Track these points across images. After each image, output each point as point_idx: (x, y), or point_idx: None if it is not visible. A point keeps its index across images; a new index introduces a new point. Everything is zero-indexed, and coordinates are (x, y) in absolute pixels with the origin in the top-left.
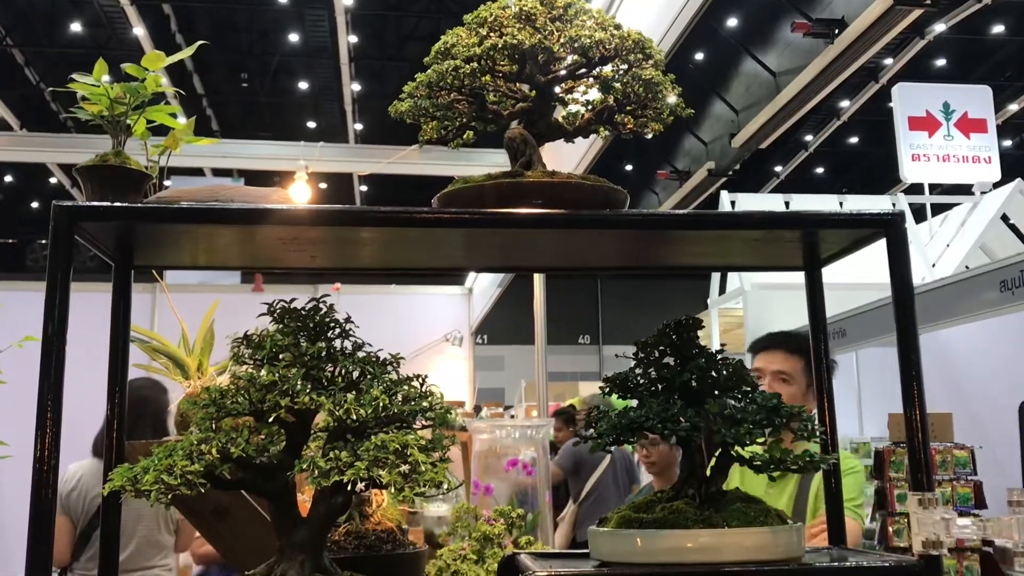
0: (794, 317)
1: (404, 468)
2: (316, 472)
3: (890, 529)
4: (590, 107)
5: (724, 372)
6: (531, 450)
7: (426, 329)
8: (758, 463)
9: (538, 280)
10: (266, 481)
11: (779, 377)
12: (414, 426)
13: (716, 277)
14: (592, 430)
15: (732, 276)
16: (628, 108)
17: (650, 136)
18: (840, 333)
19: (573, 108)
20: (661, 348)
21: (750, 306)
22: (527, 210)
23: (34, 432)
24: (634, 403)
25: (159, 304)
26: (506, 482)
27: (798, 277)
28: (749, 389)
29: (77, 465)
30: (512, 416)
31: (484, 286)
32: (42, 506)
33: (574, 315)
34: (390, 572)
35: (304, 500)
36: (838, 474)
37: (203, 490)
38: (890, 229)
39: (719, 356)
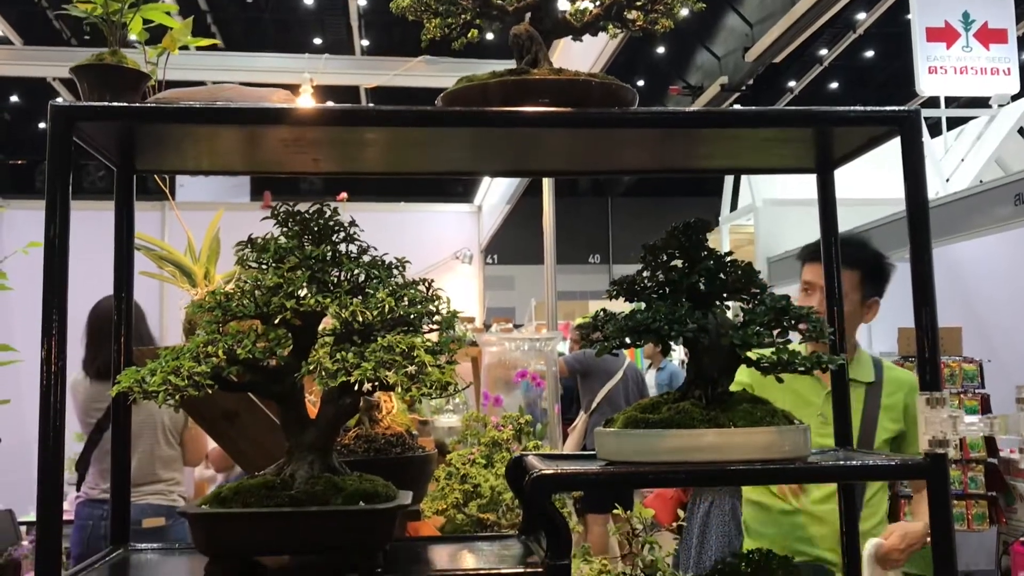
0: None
1: (411, 369)
2: (323, 373)
3: None
4: (598, 3)
5: (733, 274)
6: (540, 363)
7: (435, 247)
8: (765, 365)
9: (547, 198)
10: (273, 383)
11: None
12: (421, 330)
13: (727, 194)
14: (599, 333)
15: (743, 192)
16: (638, 3)
17: (661, 32)
18: None
19: (581, 4)
20: (670, 251)
21: (761, 222)
22: (533, 108)
23: (40, 338)
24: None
25: (168, 222)
26: (515, 394)
27: (810, 193)
28: (758, 291)
29: (72, 380)
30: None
31: (493, 203)
32: (51, 414)
33: (584, 234)
34: (399, 475)
35: (312, 401)
36: (845, 375)
37: (210, 391)
38: (905, 126)
39: (728, 258)
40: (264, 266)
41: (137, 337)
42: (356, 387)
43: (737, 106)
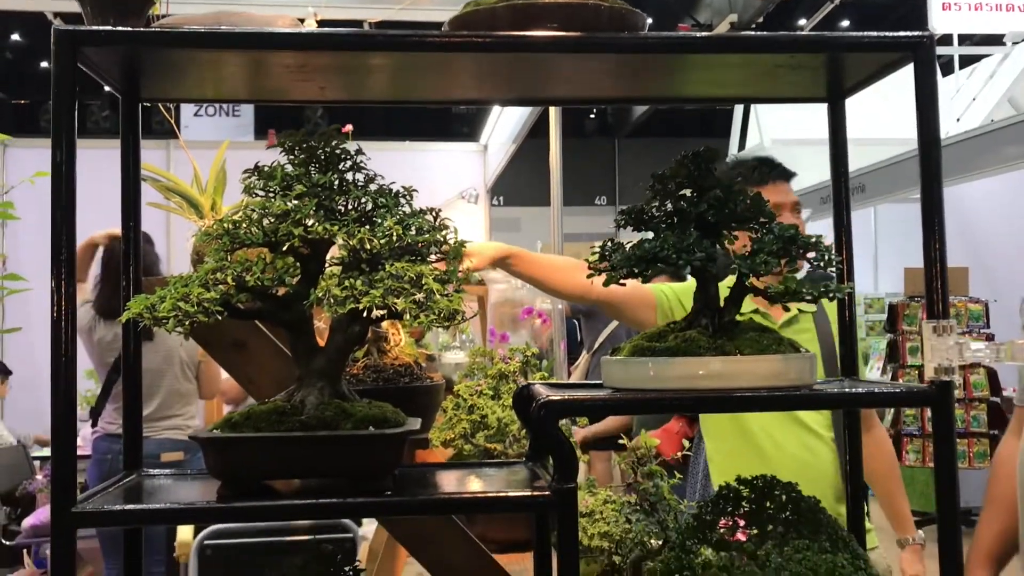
0: (815, 173)
1: (419, 296)
2: (332, 301)
3: (901, 380)
4: None
5: (741, 204)
6: (546, 302)
7: (441, 186)
8: (772, 294)
9: (554, 138)
10: (282, 311)
11: (797, 209)
12: (428, 259)
13: (735, 134)
14: (606, 263)
15: (751, 133)
16: None
17: None
18: (859, 188)
19: None
20: (678, 180)
21: None
22: (541, 32)
23: (50, 269)
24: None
25: (173, 160)
26: (521, 332)
27: (817, 132)
28: (766, 221)
29: (89, 316)
30: None
31: (499, 142)
32: (62, 348)
33: (591, 176)
34: (408, 404)
35: (320, 327)
36: (852, 305)
37: (220, 318)
38: (919, 52)
39: (736, 187)
40: (271, 194)
41: (145, 268)
42: (364, 314)
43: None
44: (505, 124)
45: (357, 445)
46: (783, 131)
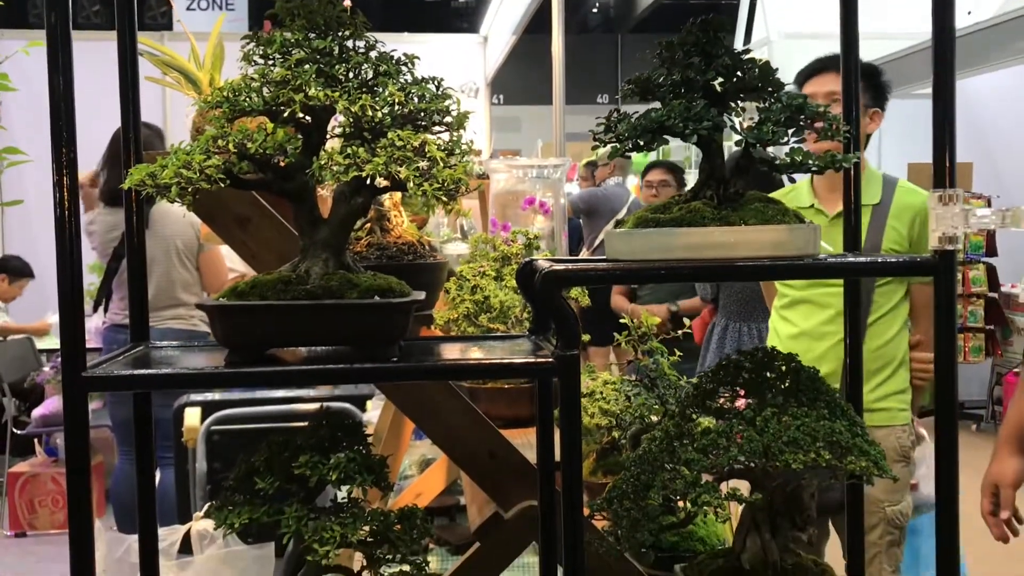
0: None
1: (422, 164)
2: (334, 169)
3: None
4: None
5: (750, 72)
6: (548, 193)
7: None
8: (779, 164)
9: (556, 32)
10: (285, 181)
11: (832, 98)
12: (432, 129)
13: (741, 28)
14: (611, 134)
15: (758, 26)
16: None
17: None
18: None
19: None
20: (686, 48)
21: (776, 56)
22: None
23: (51, 164)
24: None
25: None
26: (523, 221)
27: (826, 26)
28: (773, 90)
29: (92, 214)
30: None
31: (500, 33)
32: (67, 246)
33: (592, 73)
34: (411, 281)
35: (323, 195)
36: (858, 178)
37: (223, 185)
38: None
39: (745, 56)
40: (271, 62)
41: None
42: (368, 183)
43: None
44: (506, 15)
45: (363, 313)
46: (790, 25)
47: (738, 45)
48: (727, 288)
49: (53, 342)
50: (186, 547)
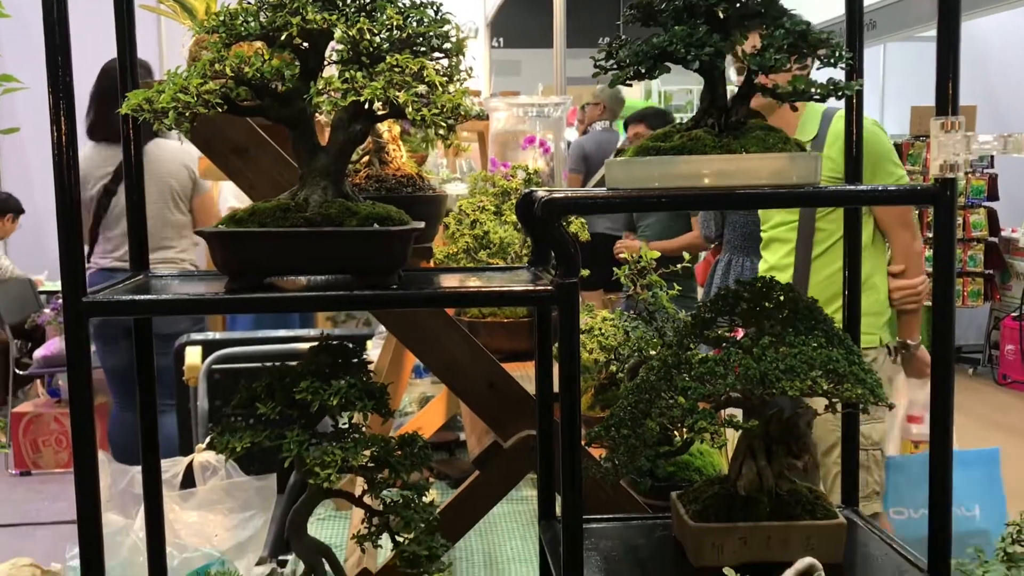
0: (826, 9)
1: (421, 89)
2: (332, 93)
3: None
4: None
5: None
6: (549, 134)
7: None
8: (781, 93)
9: None
10: (283, 107)
11: None
12: (431, 55)
13: None
14: (612, 61)
15: None
16: None
17: None
18: (870, 25)
19: None
20: None
21: None
22: None
23: (48, 95)
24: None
25: None
26: (523, 161)
27: None
28: (776, 16)
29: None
30: None
31: None
32: (64, 169)
33: (593, 16)
34: (410, 213)
35: (321, 120)
36: (860, 104)
37: (220, 111)
38: None
39: None
40: None
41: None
42: (366, 108)
43: None
44: None
45: (362, 241)
46: None
47: None
48: (731, 223)
49: (53, 285)
50: (189, 481)
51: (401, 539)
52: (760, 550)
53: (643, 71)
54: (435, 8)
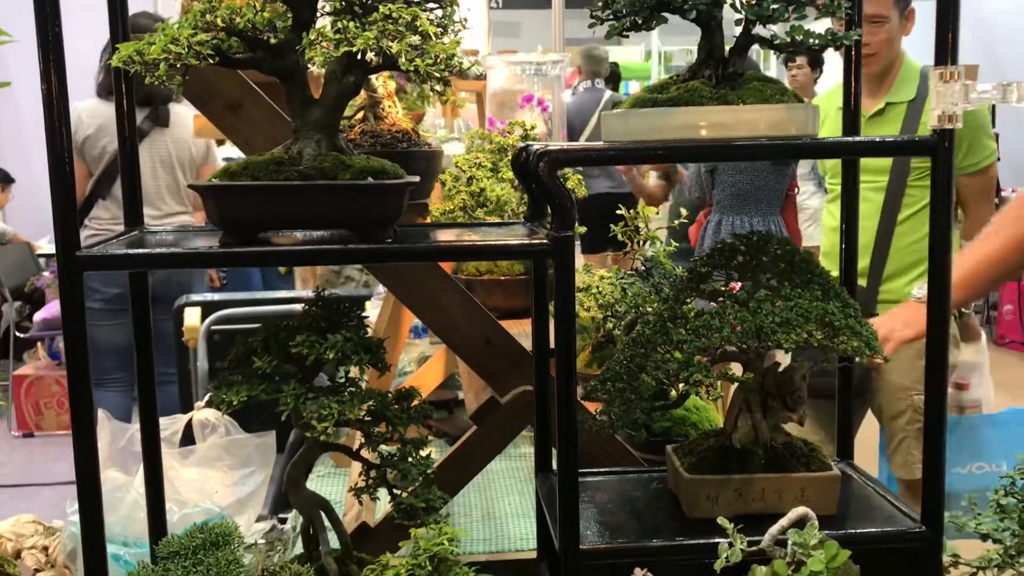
0: None
1: (414, 39)
2: (324, 44)
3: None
4: None
5: None
6: (548, 93)
7: None
8: (778, 44)
9: None
10: (275, 59)
11: (870, 22)
12: (424, 6)
13: None
14: (608, 11)
15: None
16: None
17: None
18: None
19: None
20: None
21: None
22: None
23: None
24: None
25: None
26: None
27: None
28: None
29: (82, 106)
30: None
31: None
32: (55, 123)
33: None
34: (405, 168)
35: (314, 72)
36: (858, 60)
37: (212, 62)
38: None
39: None
40: None
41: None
42: (359, 59)
43: None
44: None
45: (357, 195)
46: None
47: None
48: (721, 183)
49: (52, 249)
50: (189, 439)
51: (398, 492)
52: (755, 502)
53: (640, 22)
54: None
